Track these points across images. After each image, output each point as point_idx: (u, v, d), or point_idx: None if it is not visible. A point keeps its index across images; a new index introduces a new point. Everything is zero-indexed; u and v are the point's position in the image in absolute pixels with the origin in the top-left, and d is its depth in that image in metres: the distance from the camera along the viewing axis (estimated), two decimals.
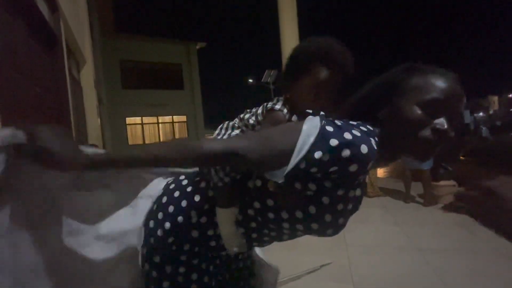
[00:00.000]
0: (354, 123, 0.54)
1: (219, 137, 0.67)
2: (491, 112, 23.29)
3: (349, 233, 2.55)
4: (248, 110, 0.68)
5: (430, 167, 3.30)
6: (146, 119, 12.29)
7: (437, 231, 2.56)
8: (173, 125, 12.92)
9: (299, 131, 0.50)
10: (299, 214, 0.57)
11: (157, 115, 12.44)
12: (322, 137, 0.48)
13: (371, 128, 0.54)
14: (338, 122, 0.51)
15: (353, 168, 0.49)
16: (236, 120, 0.68)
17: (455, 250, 2.16)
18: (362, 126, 0.53)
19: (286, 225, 0.61)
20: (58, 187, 0.60)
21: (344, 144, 0.48)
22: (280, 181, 0.51)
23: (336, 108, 0.61)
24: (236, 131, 0.67)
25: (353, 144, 0.48)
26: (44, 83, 2.27)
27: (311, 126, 0.50)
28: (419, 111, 0.51)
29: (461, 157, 4.86)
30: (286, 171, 0.50)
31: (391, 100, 0.55)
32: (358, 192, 0.59)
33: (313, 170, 0.50)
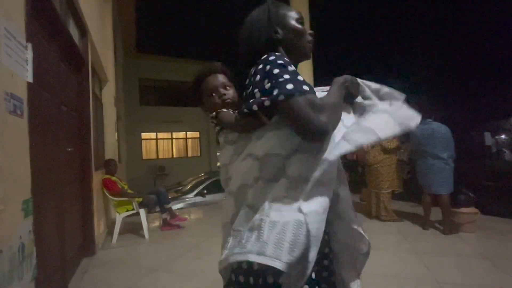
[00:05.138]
0: None
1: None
2: None
3: None
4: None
5: (449, 192, 3.13)
6: (160, 135, 12.61)
7: (458, 263, 2.41)
8: (186, 141, 13.17)
9: None
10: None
11: (171, 131, 12.76)
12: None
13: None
14: None
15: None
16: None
17: (478, 286, 2.02)
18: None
19: None
20: None
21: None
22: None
23: (239, 62, 0.81)
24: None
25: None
26: (69, 102, 2.41)
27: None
28: (300, 26, 0.78)
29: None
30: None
31: (274, 25, 0.76)
32: None
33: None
